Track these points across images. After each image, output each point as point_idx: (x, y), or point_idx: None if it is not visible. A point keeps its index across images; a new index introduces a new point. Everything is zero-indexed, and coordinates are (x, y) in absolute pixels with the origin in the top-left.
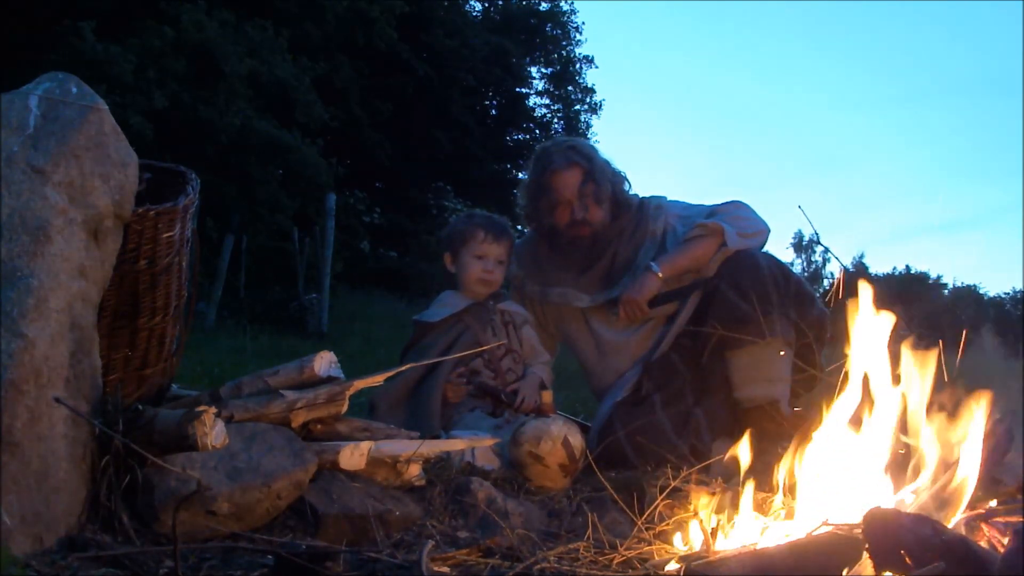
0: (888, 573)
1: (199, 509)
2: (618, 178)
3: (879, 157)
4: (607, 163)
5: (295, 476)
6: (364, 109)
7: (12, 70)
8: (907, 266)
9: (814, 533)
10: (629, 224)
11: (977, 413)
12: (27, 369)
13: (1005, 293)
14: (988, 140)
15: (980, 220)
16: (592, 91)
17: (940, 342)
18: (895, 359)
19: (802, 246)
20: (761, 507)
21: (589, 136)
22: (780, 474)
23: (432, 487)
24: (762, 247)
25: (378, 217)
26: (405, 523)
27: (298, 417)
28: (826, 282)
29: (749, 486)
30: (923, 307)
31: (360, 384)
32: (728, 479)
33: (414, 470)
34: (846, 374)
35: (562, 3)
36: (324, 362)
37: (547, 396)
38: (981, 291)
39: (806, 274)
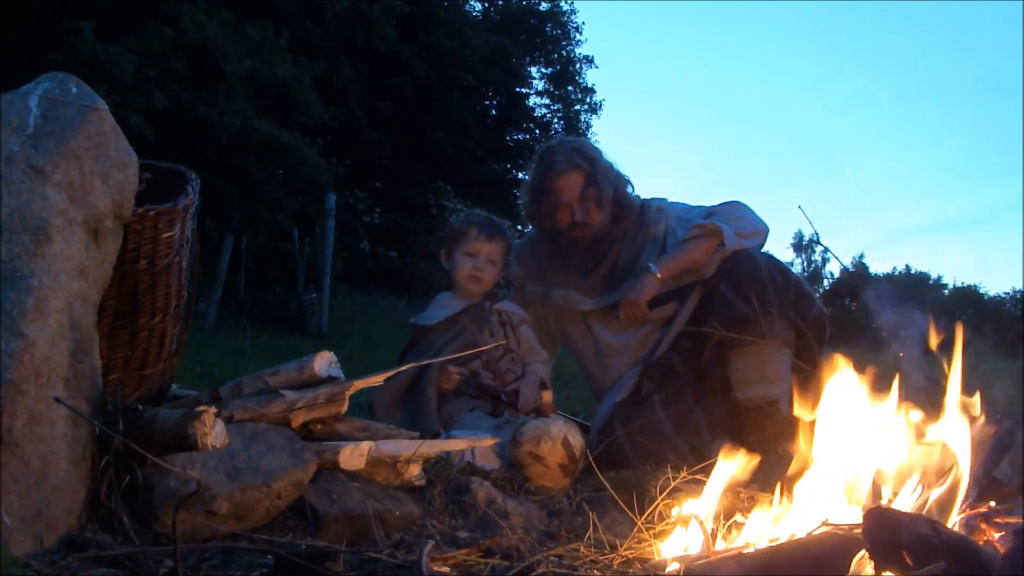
0: (888, 573)
1: (199, 509)
2: (621, 181)
3: (879, 157)
4: (611, 165)
5: (295, 476)
6: (364, 109)
7: (12, 70)
8: (907, 266)
9: (814, 533)
10: (631, 227)
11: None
12: (27, 369)
13: (1005, 293)
14: (988, 140)
15: (980, 220)
16: (592, 91)
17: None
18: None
19: (802, 246)
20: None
21: (589, 136)
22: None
23: (432, 487)
24: (761, 247)
25: (378, 217)
26: (405, 523)
27: (298, 417)
28: (826, 282)
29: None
30: (923, 307)
31: (360, 384)
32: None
33: (414, 470)
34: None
35: (562, 3)
36: (324, 362)
37: (547, 396)
38: (981, 291)
39: (806, 274)
